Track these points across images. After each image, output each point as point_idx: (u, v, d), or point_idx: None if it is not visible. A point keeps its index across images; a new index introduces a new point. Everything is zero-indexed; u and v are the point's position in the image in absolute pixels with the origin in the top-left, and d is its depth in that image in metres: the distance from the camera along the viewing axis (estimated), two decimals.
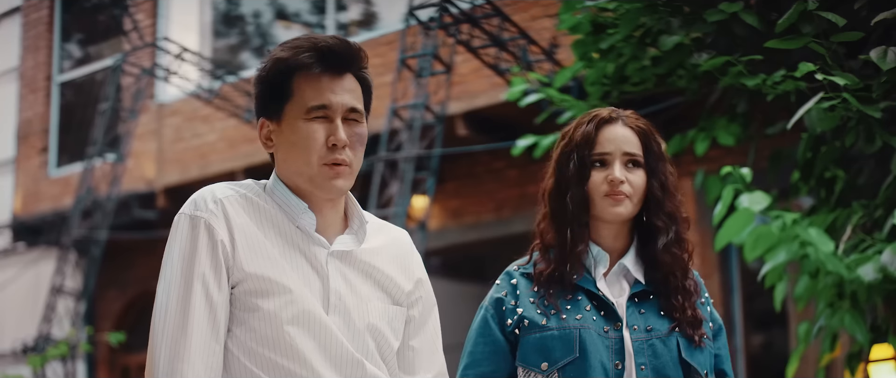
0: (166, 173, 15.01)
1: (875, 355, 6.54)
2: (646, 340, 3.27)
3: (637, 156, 3.36)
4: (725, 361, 3.46)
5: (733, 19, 6.03)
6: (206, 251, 2.84)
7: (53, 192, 16.54)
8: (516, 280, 3.41)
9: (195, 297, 2.81)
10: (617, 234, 3.39)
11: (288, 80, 2.92)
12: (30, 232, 16.54)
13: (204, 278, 2.83)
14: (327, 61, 2.93)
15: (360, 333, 2.96)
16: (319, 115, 2.91)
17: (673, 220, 3.37)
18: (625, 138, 3.37)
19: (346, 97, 2.93)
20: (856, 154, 6.14)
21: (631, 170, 3.35)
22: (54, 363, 14.15)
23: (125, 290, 15.91)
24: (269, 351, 2.85)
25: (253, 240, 2.89)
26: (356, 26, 14.66)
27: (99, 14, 17.00)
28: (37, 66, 17.44)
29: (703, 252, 10.95)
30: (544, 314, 3.30)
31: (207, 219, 2.86)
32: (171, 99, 15.36)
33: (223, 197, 2.91)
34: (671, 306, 3.32)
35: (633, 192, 3.33)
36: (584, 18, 6.62)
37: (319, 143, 2.90)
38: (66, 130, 16.97)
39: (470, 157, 12.22)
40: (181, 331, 2.80)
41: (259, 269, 2.87)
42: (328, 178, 2.92)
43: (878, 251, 5.50)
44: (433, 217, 12.36)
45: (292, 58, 2.92)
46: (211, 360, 2.81)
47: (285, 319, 2.85)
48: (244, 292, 2.86)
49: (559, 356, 3.24)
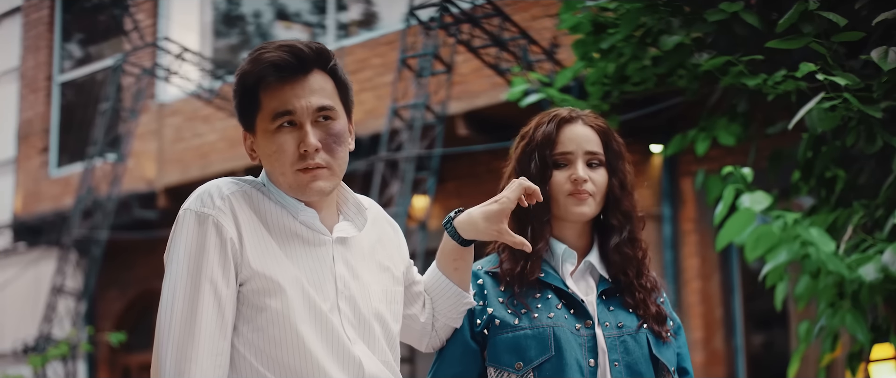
0: (167, 173, 15.02)
1: (876, 355, 6.55)
2: (617, 337, 3.29)
3: (599, 155, 3.38)
4: (686, 359, 3.49)
5: (734, 19, 6.02)
6: (216, 249, 2.82)
7: (54, 191, 16.55)
8: (483, 280, 3.41)
9: (204, 296, 2.80)
10: (580, 233, 3.41)
11: (254, 92, 2.92)
12: (30, 232, 16.55)
13: (212, 277, 2.81)
14: (283, 67, 2.90)
15: (366, 321, 2.98)
16: (286, 122, 2.89)
17: (628, 218, 3.40)
18: (586, 137, 3.39)
19: (312, 98, 2.90)
20: (856, 154, 6.14)
21: (593, 169, 3.37)
22: (55, 363, 14.16)
23: (126, 290, 15.92)
24: (276, 350, 2.84)
25: (259, 237, 2.89)
26: (356, 26, 14.67)
27: (99, 14, 17.01)
28: (37, 65, 17.45)
29: (703, 252, 10.96)
30: (515, 314, 3.30)
31: (216, 216, 2.84)
32: (171, 99, 15.37)
33: (230, 193, 2.89)
34: (632, 303, 3.36)
35: (595, 190, 3.35)
36: (584, 18, 6.62)
37: (290, 153, 2.90)
38: (67, 130, 16.98)
39: (470, 156, 12.22)
40: (189, 331, 2.77)
41: (266, 267, 2.86)
42: (305, 183, 2.92)
43: (878, 251, 5.49)
44: (434, 217, 12.36)
45: (253, 70, 2.91)
46: (219, 360, 2.80)
47: (293, 318, 2.85)
48: (252, 291, 2.85)
49: (534, 355, 3.24)
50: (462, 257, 3.31)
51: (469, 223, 3.25)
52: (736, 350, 10.87)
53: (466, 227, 3.25)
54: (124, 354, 15.90)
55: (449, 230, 3.29)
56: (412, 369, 11.68)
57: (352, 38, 14.02)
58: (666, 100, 9.45)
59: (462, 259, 3.31)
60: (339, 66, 2.99)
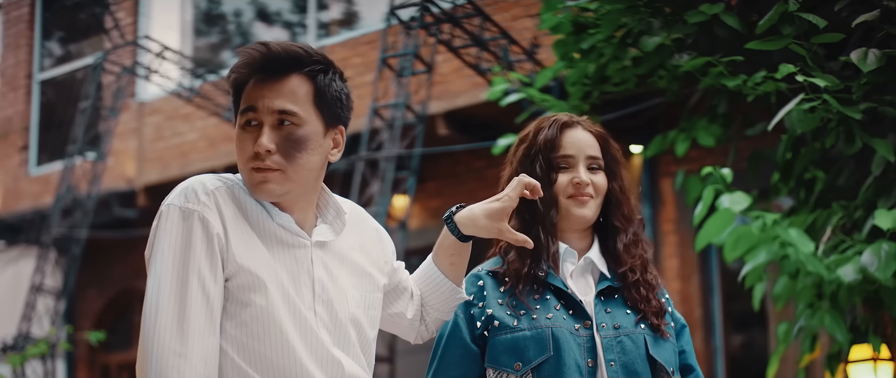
0: (147, 172, 14.98)
1: (855, 356, 6.56)
2: (614, 337, 3.30)
3: (599, 159, 3.45)
4: (691, 356, 3.52)
5: (714, 20, 6.04)
6: (202, 244, 2.81)
7: (33, 190, 16.50)
8: (483, 281, 3.42)
9: (192, 291, 2.77)
10: (581, 236, 3.47)
11: (239, 91, 2.93)
12: (10, 230, 16.49)
13: (200, 272, 2.79)
14: (254, 66, 2.90)
15: (342, 325, 2.98)
16: (249, 121, 2.89)
17: (629, 221, 3.48)
18: (587, 142, 3.46)
19: (276, 101, 2.87)
20: (836, 155, 6.16)
21: (594, 172, 3.44)
22: (34, 362, 14.11)
23: (105, 289, 15.88)
24: (259, 345, 2.83)
25: (243, 232, 2.88)
26: (337, 25, 14.65)
27: (80, 12, 16.95)
28: (17, 63, 17.39)
29: (683, 253, 10.98)
30: (514, 315, 3.32)
31: (201, 211, 2.83)
32: (151, 97, 15.33)
33: (214, 188, 2.88)
34: (635, 299, 3.39)
35: (596, 193, 3.42)
36: (565, 18, 6.63)
37: (247, 152, 2.89)
38: (47, 128, 16.93)
39: (451, 156, 12.22)
40: (178, 327, 2.75)
41: (250, 262, 2.85)
42: (255, 182, 2.90)
43: (857, 252, 5.51)
44: (414, 216, 12.36)
45: (234, 70, 2.92)
46: (209, 356, 2.78)
47: (276, 314, 2.85)
48: (237, 286, 2.84)
49: (533, 356, 3.25)
50: (459, 253, 3.33)
51: (470, 219, 3.28)
52: (715, 351, 10.89)
53: (467, 223, 3.28)
54: (104, 353, 15.85)
55: (449, 225, 3.31)
56: (391, 369, 11.66)
57: (332, 38, 14.01)
58: (646, 100, 9.47)
59: (459, 254, 3.33)
60: (327, 75, 2.95)
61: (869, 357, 6.56)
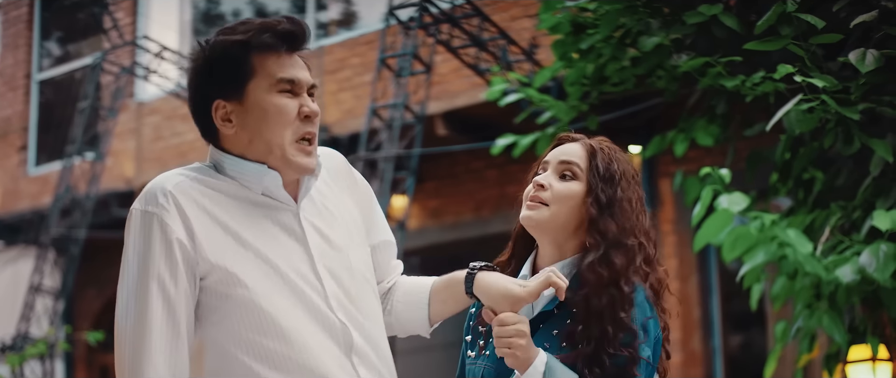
0: (145, 172, 14.97)
1: (853, 356, 6.57)
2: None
3: (573, 165, 3.17)
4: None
5: (713, 21, 6.04)
6: (160, 249, 2.80)
7: (32, 190, 16.49)
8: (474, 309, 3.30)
9: (152, 296, 2.78)
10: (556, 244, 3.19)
11: (245, 60, 2.87)
12: (8, 230, 16.49)
13: (159, 277, 2.79)
14: (288, 39, 2.90)
15: (349, 286, 2.95)
16: (286, 89, 2.88)
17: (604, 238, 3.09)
18: (570, 151, 3.21)
19: (306, 74, 2.93)
20: (834, 155, 6.16)
21: (564, 179, 3.17)
22: (32, 362, 14.10)
23: (104, 289, 15.86)
24: (256, 334, 2.81)
25: (215, 225, 2.85)
26: (336, 26, 14.65)
27: (78, 12, 16.96)
28: (16, 63, 17.38)
29: (681, 253, 10.98)
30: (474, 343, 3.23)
31: (159, 215, 2.81)
32: (150, 97, 15.34)
33: (173, 188, 2.84)
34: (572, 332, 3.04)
35: (553, 199, 3.14)
36: (563, 18, 6.63)
37: (292, 116, 2.87)
38: (46, 129, 16.92)
39: (449, 156, 12.22)
40: (140, 331, 2.76)
41: (228, 255, 2.83)
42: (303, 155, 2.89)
43: (856, 252, 5.51)
44: (413, 217, 12.36)
45: (252, 39, 2.87)
46: (173, 358, 2.78)
47: (267, 298, 2.82)
48: (217, 282, 2.82)
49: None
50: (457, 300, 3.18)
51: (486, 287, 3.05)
52: (714, 351, 10.89)
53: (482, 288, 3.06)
54: (102, 353, 15.84)
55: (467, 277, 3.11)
56: None
57: (331, 38, 14.00)
58: (645, 101, 9.48)
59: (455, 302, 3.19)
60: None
61: (867, 358, 6.56)
